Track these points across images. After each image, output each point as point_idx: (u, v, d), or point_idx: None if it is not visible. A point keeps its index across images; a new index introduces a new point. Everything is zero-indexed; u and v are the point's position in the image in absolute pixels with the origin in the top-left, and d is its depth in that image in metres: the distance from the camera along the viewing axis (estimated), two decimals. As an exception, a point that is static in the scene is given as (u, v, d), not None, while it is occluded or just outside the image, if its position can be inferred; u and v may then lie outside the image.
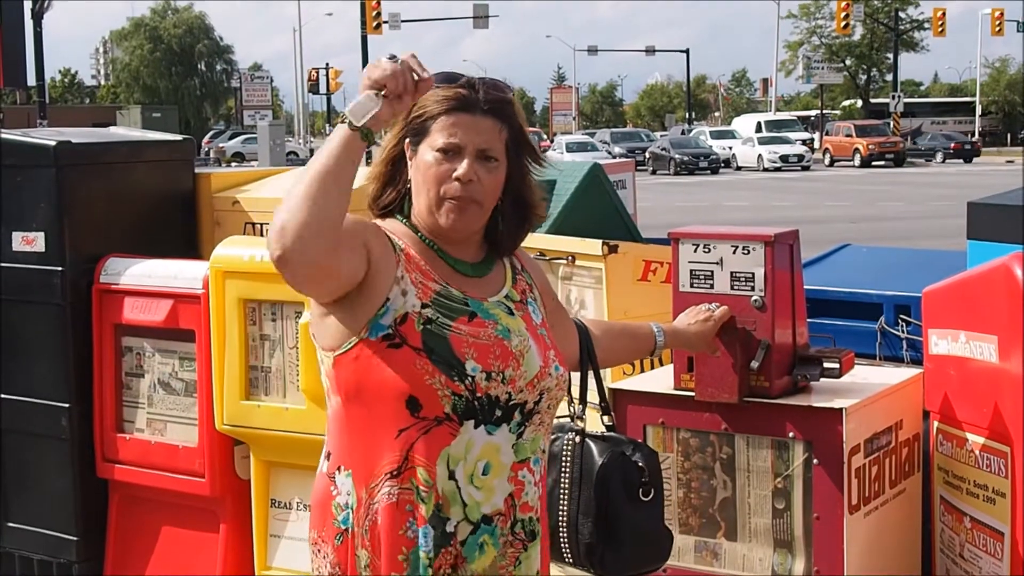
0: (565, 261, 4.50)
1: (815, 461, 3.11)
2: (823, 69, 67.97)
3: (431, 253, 2.45)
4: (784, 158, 46.86)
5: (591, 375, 2.80)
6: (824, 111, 68.81)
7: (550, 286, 2.74)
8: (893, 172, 43.62)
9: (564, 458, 2.73)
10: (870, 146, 47.73)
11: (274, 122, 37.05)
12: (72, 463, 4.56)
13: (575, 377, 2.75)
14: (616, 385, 3.43)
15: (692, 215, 23.49)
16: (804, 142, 51.47)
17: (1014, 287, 2.95)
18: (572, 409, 2.72)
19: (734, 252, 3.16)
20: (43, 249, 4.52)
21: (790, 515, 3.18)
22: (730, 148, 50.34)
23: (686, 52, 76.50)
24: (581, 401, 2.74)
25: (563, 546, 2.72)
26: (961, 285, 3.26)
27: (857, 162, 47.81)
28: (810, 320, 3.36)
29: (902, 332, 5.00)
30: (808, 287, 3.44)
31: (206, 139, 59.65)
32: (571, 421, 2.75)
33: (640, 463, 2.73)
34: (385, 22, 47.86)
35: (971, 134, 60.47)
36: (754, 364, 3.12)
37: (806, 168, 46.52)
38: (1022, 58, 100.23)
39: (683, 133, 56.92)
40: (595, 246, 4.31)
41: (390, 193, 2.50)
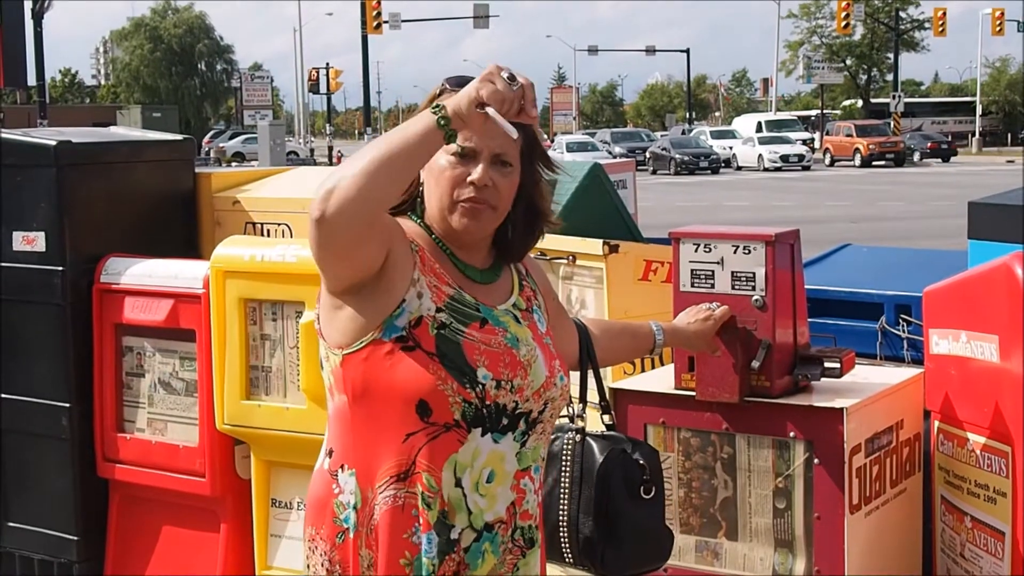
0: (566, 261, 4.49)
1: (816, 461, 3.11)
2: (823, 69, 67.96)
3: (443, 256, 2.42)
4: (784, 158, 46.86)
5: (591, 374, 2.79)
6: (824, 111, 68.80)
7: (552, 287, 2.73)
8: (893, 172, 43.62)
9: (564, 457, 2.72)
10: (870, 146, 47.74)
11: (274, 122, 37.05)
12: (72, 463, 4.56)
13: (575, 376, 2.75)
14: (617, 385, 3.43)
15: (692, 215, 23.47)
16: (804, 142, 51.48)
17: (1015, 287, 2.95)
18: (572, 409, 2.71)
19: (735, 252, 3.16)
20: (43, 249, 4.52)
21: (791, 515, 3.18)
22: (730, 148, 50.34)
23: (686, 52, 76.55)
24: (581, 400, 2.74)
25: (563, 545, 2.71)
26: (962, 285, 3.26)
27: (857, 162, 47.80)
28: (811, 320, 3.36)
29: (903, 332, 4.99)
30: (809, 287, 3.44)
31: (206, 139, 59.67)
32: (570, 421, 2.74)
33: (641, 461, 2.72)
34: (385, 22, 47.86)
35: (972, 134, 60.51)
36: (755, 364, 3.12)
37: (806, 168, 46.52)
38: (1022, 58, 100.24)
39: (683, 133, 56.92)
40: (596, 246, 4.30)
41: (400, 195, 2.46)
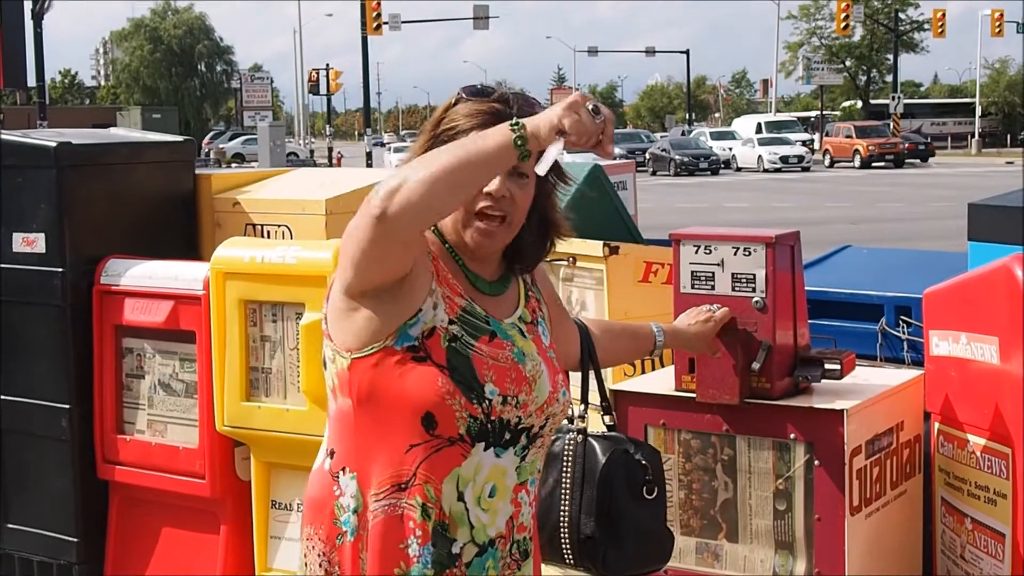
0: (566, 262, 4.50)
1: (816, 462, 3.11)
2: (823, 70, 67.99)
3: (455, 266, 2.41)
4: (784, 159, 46.87)
5: (592, 375, 2.79)
6: (824, 112, 68.82)
7: (555, 292, 2.72)
8: (893, 173, 43.63)
9: (565, 458, 2.72)
10: (870, 147, 47.75)
11: (274, 123, 37.13)
12: (72, 464, 4.56)
13: (576, 377, 2.74)
14: (617, 386, 3.43)
15: (692, 216, 23.49)
16: (804, 143, 51.48)
17: (1015, 288, 2.95)
18: (573, 410, 2.69)
19: (735, 253, 3.16)
20: (43, 250, 4.52)
21: (791, 516, 3.18)
22: (730, 149, 50.33)
23: (686, 53, 76.49)
24: (583, 401, 2.73)
25: (564, 546, 2.71)
26: (962, 286, 3.26)
27: (857, 163, 47.82)
28: (811, 321, 3.36)
29: (903, 333, 5.00)
30: (809, 288, 3.44)
31: (206, 140, 59.70)
32: (570, 421, 2.73)
33: (643, 461, 2.72)
34: (385, 23, 47.84)
35: (971, 135, 60.54)
36: (755, 365, 3.12)
37: (806, 169, 46.52)
38: (1022, 59, 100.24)
39: (683, 134, 56.88)
40: (596, 247, 4.31)
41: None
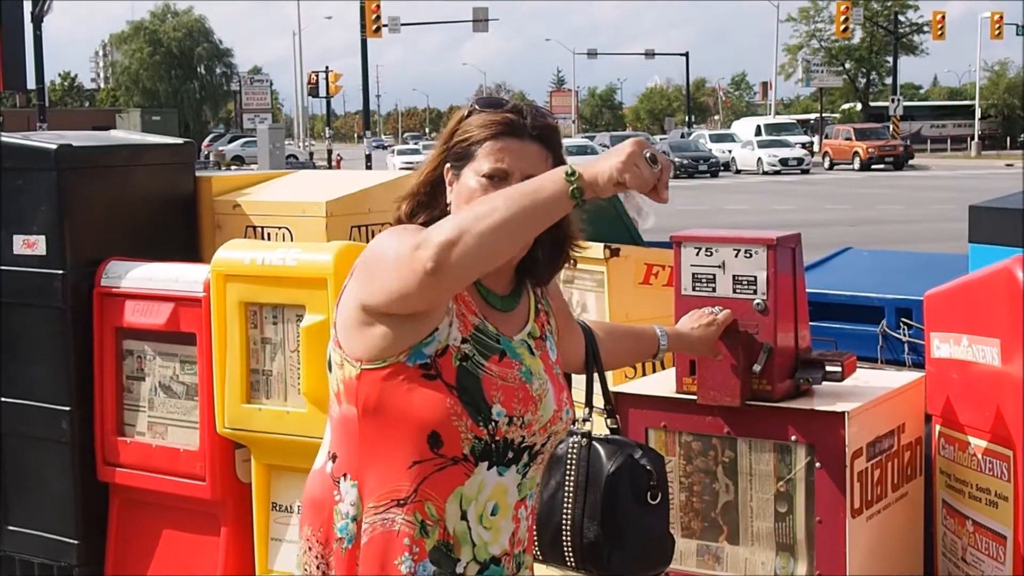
0: (566, 264, 4.48)
1: (817, 465, 3.10)
2: (822, 72, 68.06)
3: None
4: (784, 161, 46.88)
5: (596, 378, 2.79)
6: (823, 114, 68.84)
7: (564, 302, 2.72)
8: (893, 175, 43.65)
9: (569, 461, 2.72)
10: (869, 149, 47.77)
11: (274, 125, 37.14)
12: (73, 466, 4.56)
13: (580, 380, 2.74)
14: (618, 389, 3.42)
15: (692, 219, 23.44)
16: (804, 145, 51.48)
17: (1016, 290, 2.94)
18: (576, 413, 2.69)
19: (736, 255, 3.16)
20: (44, 252, 4.52)
21: (792, 519, 3.18)
22: (729, 151, 50.34)
23: (685, 55, 76.49)
24: (587, 404, 2.73)
25: (566, 548, 2.70)
26: (963, 289, 3.26)
27: (857, 165, 47.83)
28: (812, 324, 3.36)
29: (904, 335, 4.99)
30: (810, 290, 3.43)
31: (206, 142, 59.70)
32: (573, 425, 2.73)
33: (648, 467, 2.72)
34: (385, 25, 47.89)
35: (971, 137, 60.56)
36: (756, 367, 3.12)
37: (806, 171, 46.53)
38: (1021, 61, 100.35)
39: (683, 136, 56.92)
40: (597, 249, 4.30)
41: (421, 216, 2.41)
